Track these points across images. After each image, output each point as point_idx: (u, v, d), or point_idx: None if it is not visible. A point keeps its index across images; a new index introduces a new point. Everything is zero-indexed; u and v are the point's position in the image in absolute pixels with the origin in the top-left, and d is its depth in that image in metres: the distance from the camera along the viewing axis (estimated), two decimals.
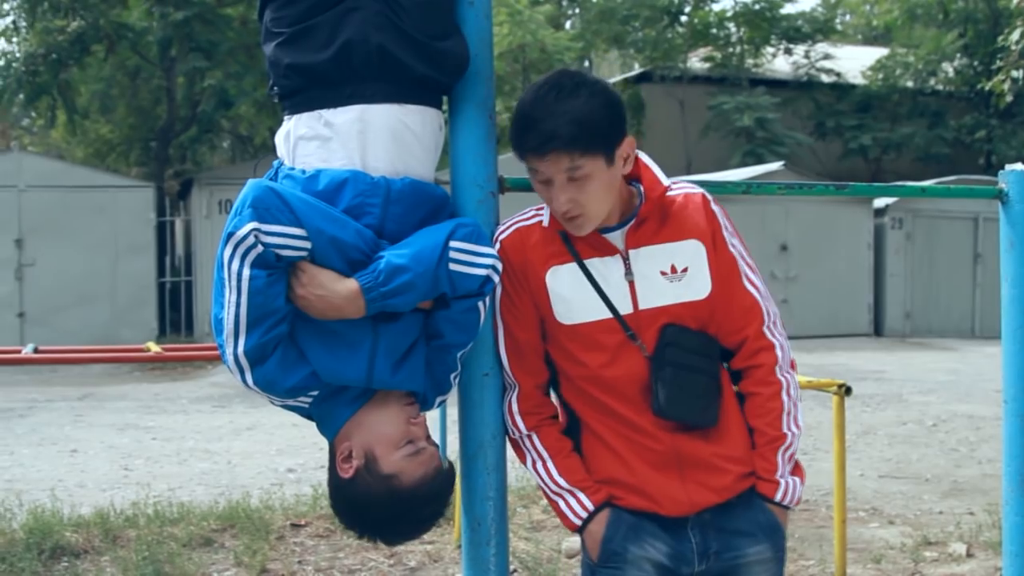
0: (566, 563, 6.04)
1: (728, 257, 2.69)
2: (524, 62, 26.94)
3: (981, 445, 9.95)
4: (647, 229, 2.63)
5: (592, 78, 2.55)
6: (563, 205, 2.50)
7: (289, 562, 6.08)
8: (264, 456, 9.42)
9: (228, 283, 2.28)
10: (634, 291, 2.61)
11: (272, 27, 2.51)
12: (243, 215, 2.24)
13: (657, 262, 2.62)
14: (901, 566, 6.11)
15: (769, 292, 2.76)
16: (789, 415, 2.71)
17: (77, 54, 20.65)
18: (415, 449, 2.47)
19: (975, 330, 21.66)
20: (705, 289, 2.64)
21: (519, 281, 2.65)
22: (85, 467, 8.97)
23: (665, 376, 2.58)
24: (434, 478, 2.49)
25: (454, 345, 2.52)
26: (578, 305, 2.62)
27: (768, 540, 2.70)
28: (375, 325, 2.40)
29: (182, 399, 13.03)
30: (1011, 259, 3.20)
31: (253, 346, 2.32)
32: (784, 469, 2.71)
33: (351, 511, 2.54)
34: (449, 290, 2.41)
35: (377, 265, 2.33)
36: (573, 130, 2.41)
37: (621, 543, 2.68)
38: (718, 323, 2.69)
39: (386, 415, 2.48)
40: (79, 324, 16.81)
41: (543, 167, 2.48)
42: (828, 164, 28.81)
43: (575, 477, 2.69)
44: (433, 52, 2.49)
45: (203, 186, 18.39)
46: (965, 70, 29.49)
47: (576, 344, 2.64)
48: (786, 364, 2.74)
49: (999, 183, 3.25)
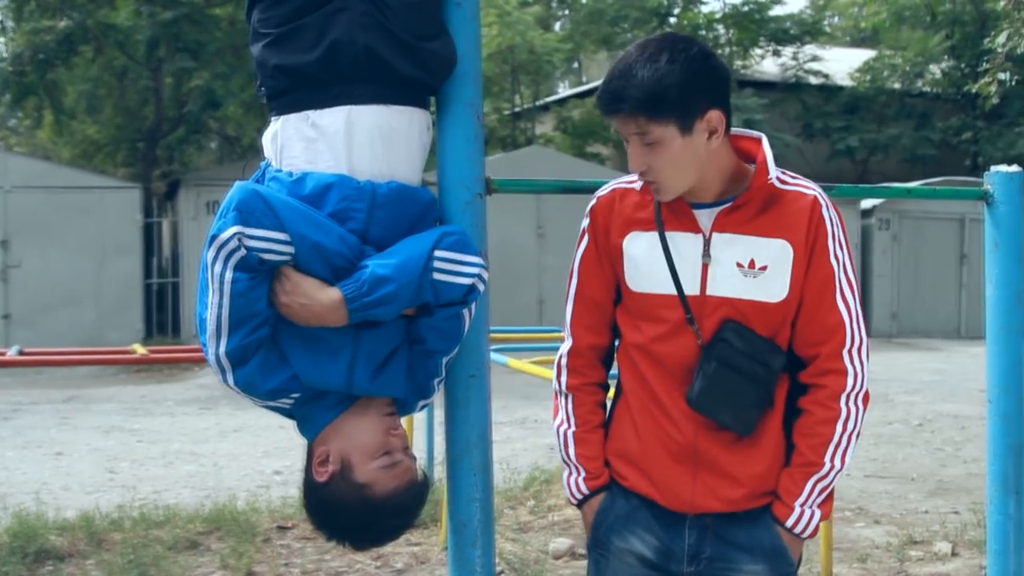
0: (553, 564, 6.04)
1: (826, 268, 2.55)
2: (513, 63, 26.94)
3: (966, 445, 9.99)
4: (740, 216, 2.54)
5: (687, 44, 2.45)
6: (638, 166, 2.49)
7: (275, 565, 6.07)
8: (250, 458, 9.41)
9: (211, 285, 2.29)
10: (705, 274, 2.54)
11: (260, 28, 2.49)
12: (227, 218, 2.24)
13: (737, 252, 2.53)
14: (887, 565, 6.13)
15: (861, 315, 2.61)
16: (837, 447, 2.56)
17: (64, 54, 20.56)
18: (391, 461, 2.47)
19: (961, 330, 21.75)
20: (780, 294, 2.52)
21: (601, 241, 2.67)
22: (70, 470, 8.95)
23: (708, 369, 2.53)
24: (407, 491, 2.50)
25: (437, 351, 2.51)
26: (647, 274, 2.59)
27: (767, 563, 2.60)
28: (356, 332, 2.40)
29: (168, 401, 13.01)
30: (996, 260, 3.22)
31: (235, 348, 2.32)
32: (810, 499, 2.57)
33: (322, 514, 2.55)
34: (432, 299, 2.40)
35: (361, 275, 2.33)
36: (639, 95, 2.38)
37: (606, 533, 2.71)
38: (797, 332, 2.58)
39: (365, 424, 2.48)
40: (65, 326, 16.75)
41: (617, 124, 2.49)
42: (815, 165, 28.85)
43: (586, 453, 2.71)
44: (420, 53, 2.48)
45: (190, 187, 18.34)
46: (952, 72, 29.56)
47: (640, 312, 2.63)
48: (856, 395, 2.58)
49: (984, 184, 3.26)
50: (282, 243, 2.28)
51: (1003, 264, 3.20)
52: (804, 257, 2.53)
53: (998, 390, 3.22)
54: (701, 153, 2.48)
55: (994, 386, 3.23)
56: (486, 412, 2.70)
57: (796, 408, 2.61)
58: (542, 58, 26.51)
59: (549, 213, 19.14)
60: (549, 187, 3.23)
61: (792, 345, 2.60)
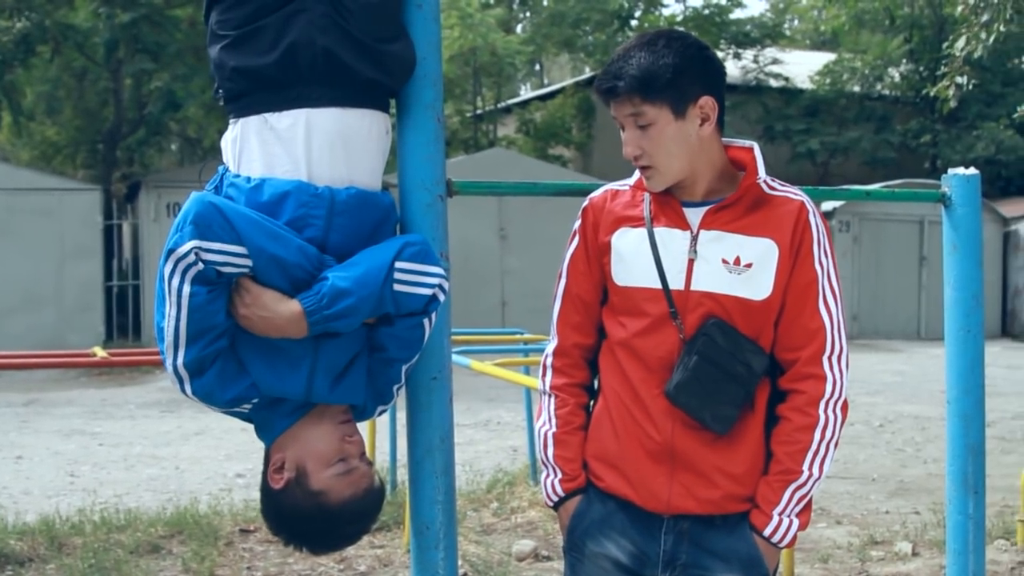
0: (516, 566, 6.04)
1: (810, 273, 2.57)
2: (474, 65, 26.95)
3: (927, 445, 10.08)
4: (728, 215, 2.58)
5: (683, 35, 2.60)
6: (631, 150, 2.56)
7: (238, 568, 6.04)
8: (212, 461, 9.35)
9: (169, 298, 2.27)
10: (691, 270, 2.57)
11: (218, 29, 2.48)
12: (184, 232, 2.23)
13: (723, 249, 2.56)
14: (848, 565, 6.17)
15: (844, 324, 2.62)
16: (816, 455, 2.56)
17: (22, 55, 20.35)
18: (346, 468, 2.48)
19: (921, 332, 21.95)
20: (763, 292, 2.55)
21: (591, 240, 2.70)
22: (30, 474, 8.86)
23: (688, 363, 2.54)
24: (363, 498, 2.51)
25: (397, 359, 2.51)
26: (633, 268, 2.62)
27: (742, 571, 2.60)
28: (316, 341, 2.39)
29: (129, 404, 12.92)
30: (954, 262, 3.25)
31: (192, 359, 2.32)
32: (788, 507, 2.57)
33: (278, 520, 2.56)
34: (393, 309, 2.39)
35: (321, 287, 2.32)
36: (636, 74, 2.48)
37: (581, 537, 2.72)
38: (778, 336, 2.59)
39: (320, 431, 2.47)
40: (24, 328, 16.58)
41: (614, 110, 2.56)
42: (776, 168, 28.91)
43: (563, 454, 2.72)
44: (379, 55, 2.47)
45: (151, 189, 18.23)
46: (911, 75, 29.85)
47: (624, 306, 2.65)
48: (835, 402, 2.58)
49: (942, 187, 3.29)
50: (240, 256, 2.26)
51: (961, 266, 3.23)
52: (789, 258, 2.56)
53: (957, 391, 3.25)
54: (693, 140, 2.56)
55: (953, 387, 3.26)
56: (448, 414, 2.69)
57: (775, 416, 2.63)
58: (504, 60, 26.54)
59: (511, 215, 19.15)
60: (511, 189, 3.24)
61: (773, 350, 2.61)
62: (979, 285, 3.25)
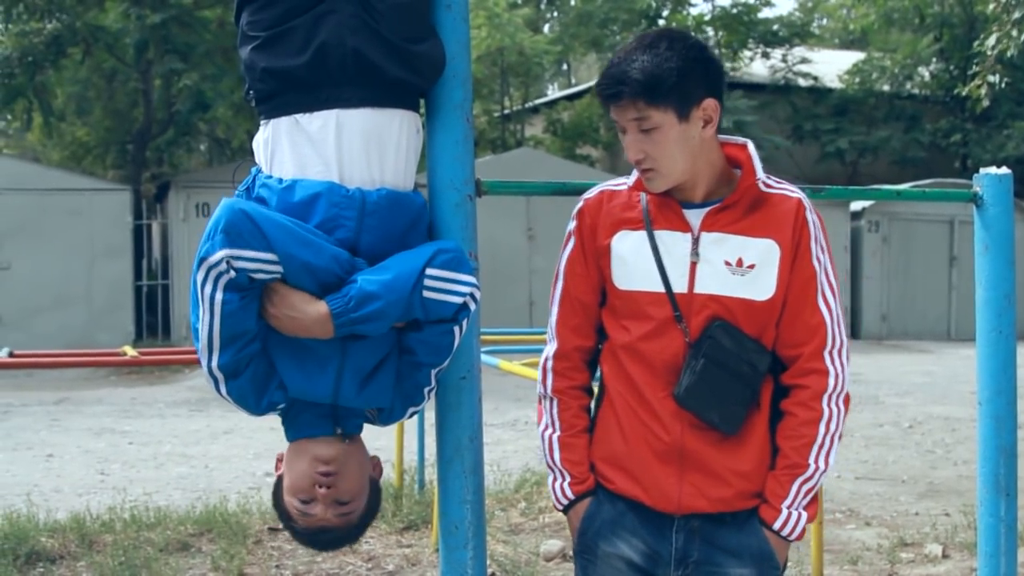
0: (544, 566, 6.04)
1: (809, 270, 2.60)
2: (502, 65, 26.94)
3: (957, 447, 10.01)
4: (728, 216, 2.59)
5: (683, 35, 2.57)
6: (633, 155, 2.54)
7: (267, 567, 6.06)
8: (241, 460, 9.39)
9: (202, 304, 2.30)
10: (694, 272, 2.57)
11: (248, 31, 2.49)
12: (215, 240, 2.24)
13: (725, 251, 2.57)
14: (877, 567, 6.14)
15: (842, 318, 2.66)
16: (821, 448, 2.59)
17: (53, 56, 20.51)
18: (303, 511, 2.52)
19: (951, 332, 21.80)
20: (767, 292, 2.57)
21: (589, 241, 2.69)
22: (61, 472, 8.93)
23: (696, 366, 2.55)
24: (311, 534, 2.58)
25: (426, 364, 2.51)
26: (635, 271, 2.61)
27: (755, 566, 2.62)
28: (344, 344, 2.40)
29: (159, 403, 12.99)
30: (985, 262, 3.22)
31: (227, 362, 2.35)
32: (796, 500, 2.60)
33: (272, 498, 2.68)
34: (422, 315, 2.39)
35: (349, 289, 2.32)
36: (640, 78, 2.46)
37: (593, 538, 2.71)
38: (780, 333, 2.61)
39: (298, 465, 2.52)
40: (55, 328, 16.70)
41: (615, 114, 2.54)
42: (805, 167, 28.90)
43: (571, 458, 2.72)
44: (409, 55, 2.48)
45: (180, 189, 18.31)
46: (941, 74, 29.66)
47: (626, 310, 2.64)
48: (837, 396, 2.62)
49: (974, 186, 3.27)
50: (271, 263, 2.28)
51: (993, 266, 3.21)
52: (790, 257, 2.58)
53: (989, 392, 3.23)
54: (695, 142, 2.54)
55: (985, 388, 3.24)
56: (477, 414, 2.70)
57: (780, 411, 2.65)
58: (531, 60, 26.53)
59: (539, 215, 19.14)
60: (539, 189, 3.23)
61: (774, 346, 2.63)
62: (1011, 285, 3.22)
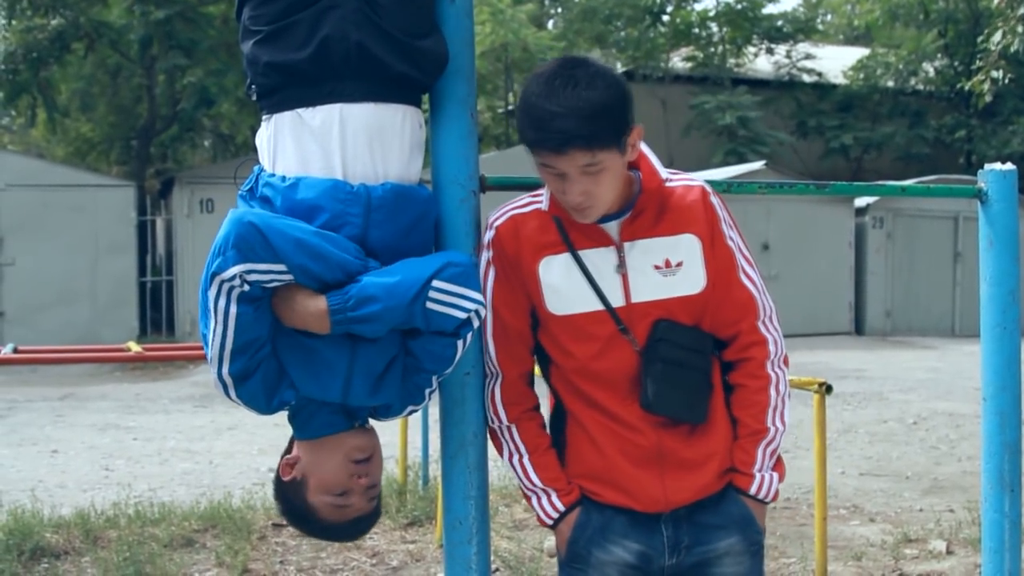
0: (548, 562, 6.04)
1: (726, 251, 2.67)
2: (506, 61, 26.92)
3: (961, 443, 10.00)
4: (643, 221, 2.60)
5: (602, 66, 2.46)
6: (576, 198, 2.46)
7: (271, 562, 6.07)
8: (246, 456, 9.40)
9: (214, 317, 2.29)
10: (627, 284, 2.59)
11: (250, 25, 2.49)
12: (227, 256, 2.23)
13: (651, 256, 2.60)
14: (881, 563, 6.13)
15: (765, 286, 2.75)
16: (775, 410, 2.70)
17: (57, 52, 20.56)
18: (342, 503, 2.54)
19: (955, 328, 21.76)
20: (699, 284, 2.62)
21: (511, 269, 2.63)
22: (65, 467, 8.94)
23: (655, 371, 2.57)
24: (347, 526, 2.60)
25: (427, 370, 2.51)
26: (570, 296, 2.60)
27: (740, 532, 2.69)
28: (353, 345, 2.40)
29: (163, 399, 13.00)
30: (990, 258, 3.22)
31: (239, 369, 2.35)
32: (763, 463, 2.69)
33: (275, 496, 2.66)
34: (423, 325, 2.38)
35: (350, 288, 2.32)
36: (593, 128, 2.36)
37: (585, 546, 2.70)
38: (713, 316, 2.67)
39: (334, 462, 2.52)
40: (59, 324, 16.72)
41: (560, 164, 2.41)
42: (809, 163, 28.89)
43: (549, 475, 2.70)
44: (412, 50, 2.48)
45: (184, 185, 18.31)
46: (945, 70, 29.61)
47: (567, 335, 2.63)
48: (778, 359, 2.72)
49: (979, 182, 3.26)
50: (284, 272, 2.28)
51: (998, 262, 3.21)
52: (709, 245, 2.64)
53: (993, 388, 3.22)
54: (625, 168, 2.54)
55: (989, 384, 3.23)
56: (481, 410, 2.70)
57: (728, 385, 2.74)
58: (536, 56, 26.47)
59: None
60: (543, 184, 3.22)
61: (711, 326, 2.69)
62: (1016, 281, 3.22)
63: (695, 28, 30.16)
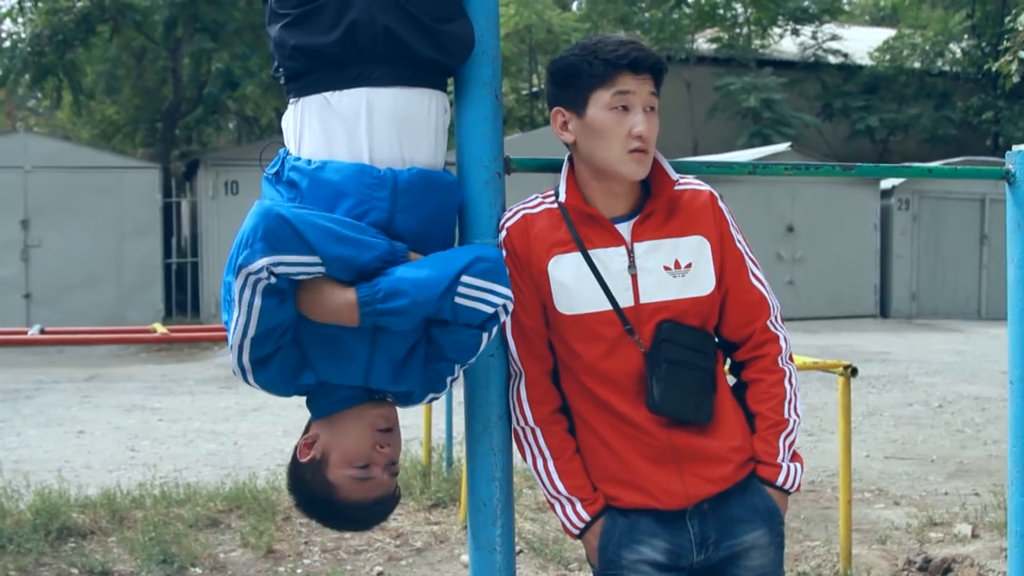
0: (572, 544, 6.05)
1: (736, 254, 2.72)
2: (530, 43, 26.90)
3: (987, 426, 9.95)
4: (653, 223, 2.63)
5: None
6: (650, 132, 2.53)
7: (295, 543, 6.10)
8: (270, 437, 9.44)
9: (238, 307, 2.28)
10: (636, 284, 2.60)
11: (277, 8, 2.49)
12: (254, 248, 2.21)
13: (661, 256, 2.62)
14: (906, 546, 6.12)
15: (769, 283, 2.82)
16: (791, 403, 2.75)
17: (83, 35, 20.62)
18: (366, 475, 2.50)
19: (981, 311, 21.64)
20: (709, 285, 2.65)
21: (523, 268, 2.64)
22: (92, 448, 9.00)
23: (660, 373, 2.58)
24: (370, 504, 2.55)
25: (449, 359, 2.51)
26: (579, 295, 2.61)
27: (765, 525, 2.70)
28: (375, 332, 2.40)
29: (188, 380, 13.06)
30: (1017, 240, 3.19)
31: (258, 357, 2.36)
32: (786, 454, 2.73)
33: (292, 484, 2.63)
34: (450, 318, 2.39)
35: (380, 281, 2.32)
36: (657, 56, 2.54)
37: (615, 551, 2.69)
38: (726, 317, 2.73)
39: (356, 432, 2.50)
40: (85, 305, 16.84)
41: (635, 86, 2.51)
42: (835, 145, 28.74)
43: (574, 483, 2.69)
44: (438, 35, 2.48)
45: (209, 167, 18.37)
46: (972, 51, 29.38)
47: (575, 334, 2.63)
48: (787, 355, 2.79)
49: (1006, 164, 3.24)
50: (313, 264, 2.27)
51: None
52: (718, 248, 2.69)
53: (1020, 371, 3.20)
54: None
55: (1016, 367, 3.22)
56: (506, 392, 2.71)
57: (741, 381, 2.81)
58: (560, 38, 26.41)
59: None
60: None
61: (722, 329, 2.75)
62: None
63: (720, 9, 30.01)
